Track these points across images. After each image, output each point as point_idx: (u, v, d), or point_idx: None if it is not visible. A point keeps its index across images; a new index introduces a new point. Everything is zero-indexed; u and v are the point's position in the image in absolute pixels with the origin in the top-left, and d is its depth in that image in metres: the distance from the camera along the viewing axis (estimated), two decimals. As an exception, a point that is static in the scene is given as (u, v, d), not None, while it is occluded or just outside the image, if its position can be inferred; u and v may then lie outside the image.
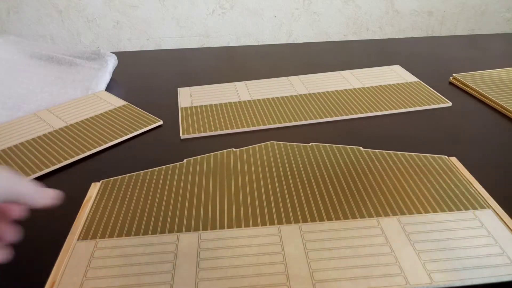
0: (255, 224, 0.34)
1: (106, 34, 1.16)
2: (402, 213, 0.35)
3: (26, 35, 1.32)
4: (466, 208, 0.35)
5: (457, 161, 0.41)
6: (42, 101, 0.57)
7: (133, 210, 0.36)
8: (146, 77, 0.67)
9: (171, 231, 0.34)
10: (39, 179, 0.42)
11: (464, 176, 0.39)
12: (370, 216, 0.34)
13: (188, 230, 0.34)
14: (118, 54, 0.72)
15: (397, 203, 0.36)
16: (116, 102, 0.57)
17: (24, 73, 0.63)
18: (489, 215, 0.34)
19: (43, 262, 0.32)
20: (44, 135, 0.49)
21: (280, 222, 0.34)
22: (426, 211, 0.35)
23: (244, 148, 0.45)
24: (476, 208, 0.35)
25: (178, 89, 0.61)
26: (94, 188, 0.39)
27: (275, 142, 0.46)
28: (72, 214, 0.36)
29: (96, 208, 0.37)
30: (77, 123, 0.52)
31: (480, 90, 0.56)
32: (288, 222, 0.34)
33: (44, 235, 0.35)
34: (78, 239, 0.33)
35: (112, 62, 0.66)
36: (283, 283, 0.29)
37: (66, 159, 0.45)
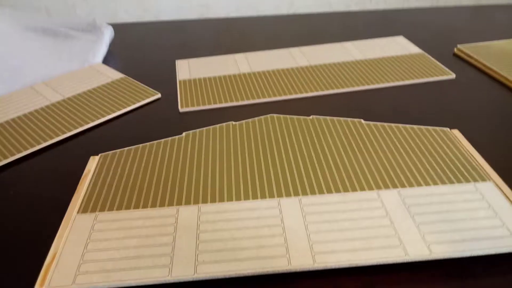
0: (255, 197, 0.34)
1: (102, 5, 1.14)
2: (402, 186, 0.34)
3: (20, 7, 1.29)
4: (467, 181, 0.35)
5: (459, 133, 0.41)
6: (38, 74, 0.56)
7: (132, 184, 0.36)
8: (144, 49, 0.66)
9: (170, 204, 0.34)
10: (37, 153, 0.42)
11: (466, 148, 0.38)
12: (370, 188, 0.34)
13: (187, 203, 0.34)
14: (115, 26, 0.70)
15: (397, 176, 0.35)
16: (113, 74, 0.56)
17: (20, 45, 0.62)
18: (490, 188, 0.34)
19: (44, 235, 0.32)
20: (41, 108, 0.49)
21: (280, 195, 0.34)
22: (427, 184, 0.34)
23: (244, 121, 0.44)
24: (477, 181, 0.35)
25: (177, 61, 0.60)
26: (93, 162, 0.39)
27: (275, 115, 0.45)
28: (72, 187, 0.36)
29: (95, 181, 0.37)
30: (74, 96, 0.51)
31: (484, 62, 0.55)
32: (288, 195, 0.34)
33: (44, 209, 0.35)
34: (78, 212, 0.33)
35: (108, 34, 0.65)
36: (283, 255, 0.29)
37: (63, 132, 0.44)
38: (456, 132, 0.41)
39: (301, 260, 0.28)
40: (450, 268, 0.28)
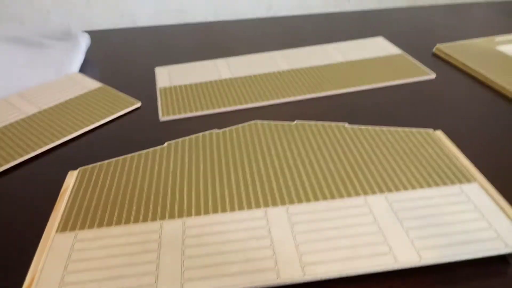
0: (241, 208, 0.33)
1: (78, 12, 1.11)
2: (389, 190, 0.34)
3: (-7, 14, 1.26)
4: (453, 183, 0.35)
5: (443, 134, 0.41)
6: (12, 86, 0.54)
7: (113, 199, 0.35)
8: (122, 56, 0.65)
9: (153, 218, 0.33)
10: (13, 169, 0.40)
11: (450, 149, 0.38)
12: (357, 194, 0.34)
13: (171, 217, 0.33)
14: (91, 33, 0.68)
15: (383, 180, 0.35)
16: (91, 84, 0.54)
17: (-9, 56, 0.60)
18: (476, 189, 0.34)
19: (21, 257, 0.31)
20: (16, 122, 0.47)
21: (266, 205, 0.33)
22: (413, 187, 0.34)
23: (227, 128, 0.43)
24: (462, 182, 0.35)
25: (156, 68, 0.59)
26: (71, 177, 0.38)
27: (258, 121, 0.44)
28: (49, 205, 0.35)
29: (74, 198, 0.35)
30: (50, 108, 0.50)
31: (463, 61, 0.55)
32: (275, 204, 0.33)
33: (20, 229, 0.33)
34: (56, 232, 0.32)
35: (84, 42, 0.63)
36: (272, 267, 0.28)
37: (40, 146, 0.43)
38: (439, 133, 0.41)
39: (290, 272, 0.28)
40: (441, 273, 0.28)
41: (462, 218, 0.31)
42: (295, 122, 0.44)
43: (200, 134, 0.43)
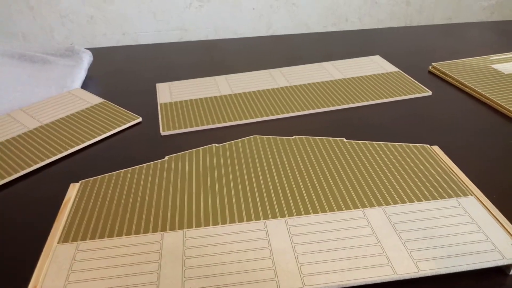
0: (241, 220, 0.34)
1: (80, 30, 1.13)
2: (387, 203, 0.35)
3: (-4, 32, 1.28)
4: (450, 196, 0.35)
5: (439, 149, 0.41)
6: (15, 101, 0.55)
7: (115, 211, 0.35)
8: (123, 73, 0.66)
9: (154, 230, 0.33)
10: (15, 181, 0.41)
11: (447, 164, 0.39)
12: (356, 207, 0.34)
13: (172, 228, 0.33)
14: (94, 50, 0.70)
15: (381, 194, 0.36)
16: (93, 99, 0.55)
17: (-5, 72, 0.61)
18: (472, 202, 0.34)
19: (23, 267, 0.31)
20: (19, 136, 0.48)
21: (265, 217, 0.34)
22: (411, 201, 0.35)
23: (227, 143, 0.44)
24: (459, 196, 0.35)
25: (157, 84, 0.60)
26: (73, 189, 0.38)
27: (258, 136, 0.45)
28: (51, 216, 0.35)
29: (76, 209, 0.36)
30: (52, 122, 0.50)
31: (459, 79, 0.56)
32: (274, 216, 0.34)
33: (23, 240, 0.34)
34: (58, 242, 0.32)
35: (87, 59, 0.65)
36: (271, 278, 0.28)
37: (42, 160, 0.43)
38: (436, 148, 0.42)
39: (290, 283, 0.28)
40: (439, 284, 0.28)
41: (459, 230, 0.32)
42: (293, 136, 0.45)
43: (200, 148, 0.43)
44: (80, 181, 0.39)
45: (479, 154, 0.42)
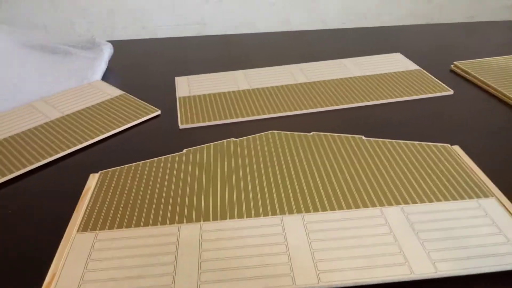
0: (257, 215, 0.34)
1: (100, 23, 1.15)
2: (406, 203, 0.34)
3: (19, 24, 1.30)
4: (470, 197, 0.35)
5: (460, 149, 0.41)
6: (37, 91, 0.56)
7: (133, 201, 0.36)
8: (143, 66, 0.66)
9: (172, 222, 0.33)
10: (36, 170, 0.42)
11: (467, 164, 0.38)
12: (373, 205, 0.34)
13: (189, 221, 0.33)
14: (113, 43, 0.70)
15: (400, 193, 0.35)
16: (113, 91, 0.56)
17: (19, 62, 0.62)
18: (493, 204, 0.34)
19: (43, 254, 0.31)
20: (41, 125, 0.49)
21: (282, 212, 0.34)
22: (430, 200, 0.34)
23: (244, 138, 0.44)
24: (480, 197, 0.34)
25: (176, 78, 0.61)
26: (93, 180, 0.39)
27: (275, 131, 0.45)
28: (71, 205, 0.36)
29: (95, 199, 0.36)
30: (73, 113, 0.51)
31: (481, 78, 0.55)
32: (291, 212, 0.34)
33: (43, 228, 0.34)
34: (77, 231, 0.33)
35: (108, 51, 0.65)
36: (287, 273, 0.28)
37: (63, 150, 0.44)
38: (457, 148, 0.41)
39: (306, 279, 0.28)
40: (457, 286, 0.28)
41: (479, 232, 0.31)
42: (311, 133, 0.44)
43: (218, 142, 0.44)
44: (99, 172, 0.40)
45: (501, 155, 0.41)
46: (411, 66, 0.61)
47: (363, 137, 0.43)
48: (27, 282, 0.30)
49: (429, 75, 0.58)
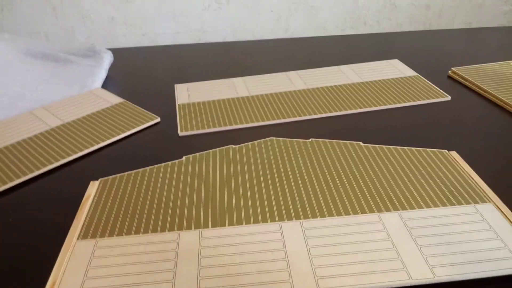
0: (256, 221, 0.34)
1: (101, 30, 1.15)
2: (403, 208, 0.34)
3: (20, 32, 1.31)
4: (467, 202, 0.35)
5: (457, 155, 0.41)
6: (38, 99, 0.57)
7: (133, 209, 0.36)
8: (143, 73, 0.67)
9: (171, 229, 0.34)
10: (36, 178, 0.42)
11: (465, 170, 0.39)
12: (371, 211, 0.34)
13: (188, 228, 0.34)
14: (114, 51, 0.71)
15: (398, 198, 0.36)
16: (113, 99, 0.56)
17: (19, 70, 0.63)
18: (490, 209, 0.34)
19: (43, 262, 0.32)
20: (41, 133, 0.49)
21: (281, 219, 0.34)
22: (427, 206, 0.35)
23: (244, 144, 0.45)
24: (477, 202, 0.35)
25: (175, 85, 0.61)
26: (93, 187, 0.39)
27: (274, 138, 0.45)
28: (71, 213, 0.36)
29: (95, 207, 0.37)
30: (73, 121, 0.51)
31: (479, 84, 0.56)
32: (289, 218, 0.34)
33: (44, 235, 0.35)
34: (78, 239, 0.33)
35: (108, 59, 0.66)
36: (286, 279, 0.29)
37: (63, 157, 0.44)
38: (454, 153, 0.41)
39: (304, 285, 0.28)
40: (454, 291, 0.28)
41: (476, 237, 0.31)
42: (310, 139, 0.45)
43: (217, 149, 0.44)
44: (99, 179, 0.40)
45: (498, 161, 0.41)
46: (409, 72, 0.61)
47: (361, 143, 0.44)
48: (27, 289, 0.30)
49: (427, 81, 0.58)
